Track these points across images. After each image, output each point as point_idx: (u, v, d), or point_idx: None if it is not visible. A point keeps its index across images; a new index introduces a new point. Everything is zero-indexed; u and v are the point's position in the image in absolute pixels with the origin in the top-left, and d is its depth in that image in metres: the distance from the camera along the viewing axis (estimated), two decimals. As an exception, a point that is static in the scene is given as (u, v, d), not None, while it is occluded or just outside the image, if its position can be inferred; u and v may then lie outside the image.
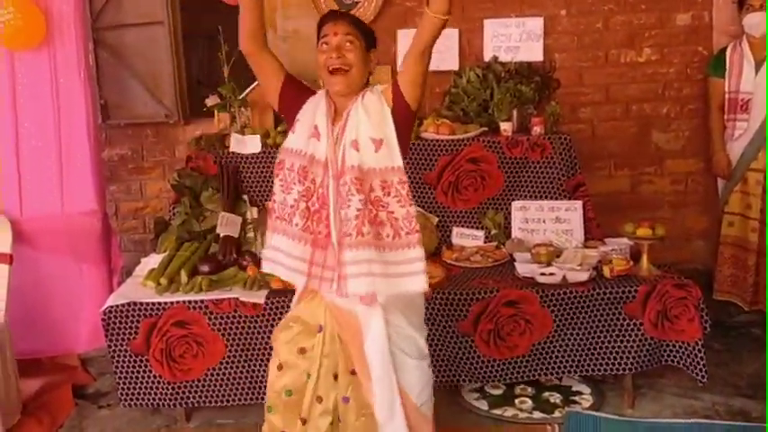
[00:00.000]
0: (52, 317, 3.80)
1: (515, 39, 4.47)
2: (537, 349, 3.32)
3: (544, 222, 3.84)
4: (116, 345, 3.25)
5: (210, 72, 4.98)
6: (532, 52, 4.46)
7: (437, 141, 3.95)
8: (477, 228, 3.93)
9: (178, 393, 3.29)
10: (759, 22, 4.01)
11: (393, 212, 2.25)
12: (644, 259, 3.40)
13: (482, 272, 3.57)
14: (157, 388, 3.28)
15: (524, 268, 3.45)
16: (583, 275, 3.33)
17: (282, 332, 2.44)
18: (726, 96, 4.20)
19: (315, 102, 2.35)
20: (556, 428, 3.20)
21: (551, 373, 3.38)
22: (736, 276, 4.21)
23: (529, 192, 3.95)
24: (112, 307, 3.24)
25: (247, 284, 3.35)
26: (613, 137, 4.66)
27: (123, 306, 3.23)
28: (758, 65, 4.06)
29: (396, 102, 2.28)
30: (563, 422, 3.23)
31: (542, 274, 3.35)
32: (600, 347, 3.32)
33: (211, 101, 4.16)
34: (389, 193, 2.24)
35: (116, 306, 3.24)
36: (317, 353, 2.35)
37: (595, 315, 3.30)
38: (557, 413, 3.33)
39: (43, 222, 3.75)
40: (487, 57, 4.45)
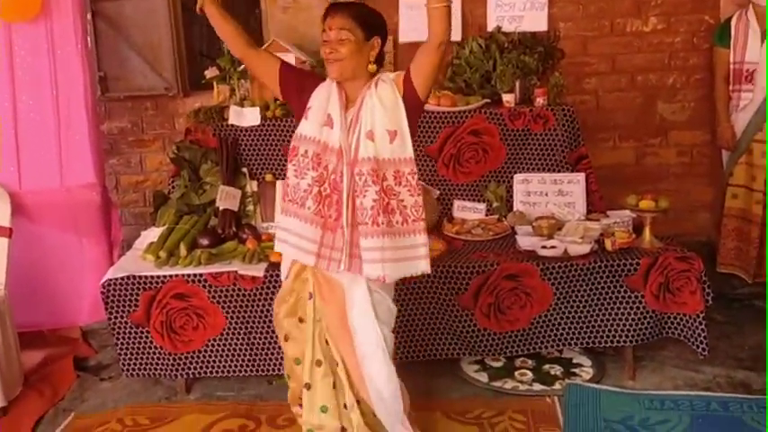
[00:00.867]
0: (53, 290, 3.82)
1: (519, 8, 4.40)
2: (537, 322, 3.31)
3: (546, 195, 3.80)
4: (116, 317, 3.26)
5: (212, 44, 4.92)
6: (537, 21, 4.39)
7: (438, 113, 3.90)
8: (478, 201, 3.90)
9: (179, 364, 3.31)
10: (766, -9, 3.93)
11: (403, 201, 2.36)
12: (646, 232, 3.37)
13: (483, 245, 3.55)
14: (159, 359, 3.31)
15: (525, 241, 3.43)
16: (584, 248, 3.30)
17: (281, 306, 2.56)
18: (731, 67, 4.14)
19: (326, 89, 2.42)
20: (556, 400, 3.20)
21: (552, 346, 3.38)
22: (739, 249, 4.19)
23: (531, 164, 3.90)
24: (112, 280, 3.24)
25: (246, 258, 3.34)
26: (618, 108, 4.62)
27: (122, 279, 3.24)
28: (764, 34, 3.99)
29: (406, 90, 2.36)
30: (563, 394, 3.23)
31: (543, 248, 3.33)
32: (601, 320, 3.31)
33: (210, 73, 4.12)
34: (401, 183, 2.35)
35: (115, 279, 3.24)
36: (311, 319, 2.46)
37: (596, 288, 3.28)
38: (557, 385, 3.32)
39: (43, 196, 3.76)
40: (491, 26, 4.39)
